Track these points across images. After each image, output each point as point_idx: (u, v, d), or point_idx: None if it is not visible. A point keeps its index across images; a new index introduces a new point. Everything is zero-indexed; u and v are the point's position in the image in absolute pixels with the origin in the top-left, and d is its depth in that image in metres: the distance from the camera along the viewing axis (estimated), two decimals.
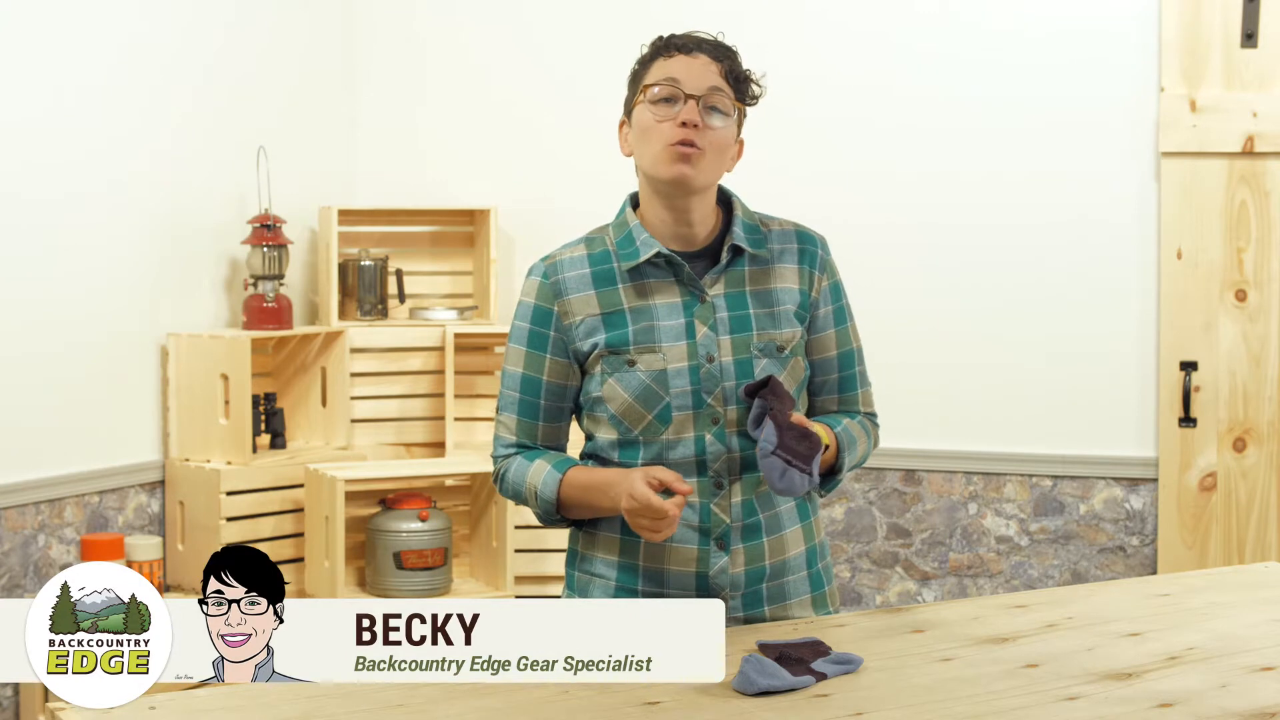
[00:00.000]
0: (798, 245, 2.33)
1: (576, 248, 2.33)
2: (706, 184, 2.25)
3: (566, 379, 2.31)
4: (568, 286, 2.29)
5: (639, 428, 2.25)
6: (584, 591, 2.34)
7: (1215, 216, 4.15)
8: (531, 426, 2.33)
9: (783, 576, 2.30)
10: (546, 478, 2.26)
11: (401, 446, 4.67)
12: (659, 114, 2.22)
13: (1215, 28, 4.11)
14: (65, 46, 3.94)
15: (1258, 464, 4.15)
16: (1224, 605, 2.38)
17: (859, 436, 2.34)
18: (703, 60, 2.23)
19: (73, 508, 4.00)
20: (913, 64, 4.43)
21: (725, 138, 2.24)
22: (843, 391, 2.38)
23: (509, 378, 2.33)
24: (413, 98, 4.87)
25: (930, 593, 4.46)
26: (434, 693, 1.89)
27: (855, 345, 2.39)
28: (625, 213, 2.32)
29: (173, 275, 4.31)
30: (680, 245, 2.29)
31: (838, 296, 2.37)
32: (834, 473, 2.31)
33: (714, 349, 2.25)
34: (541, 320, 2.30)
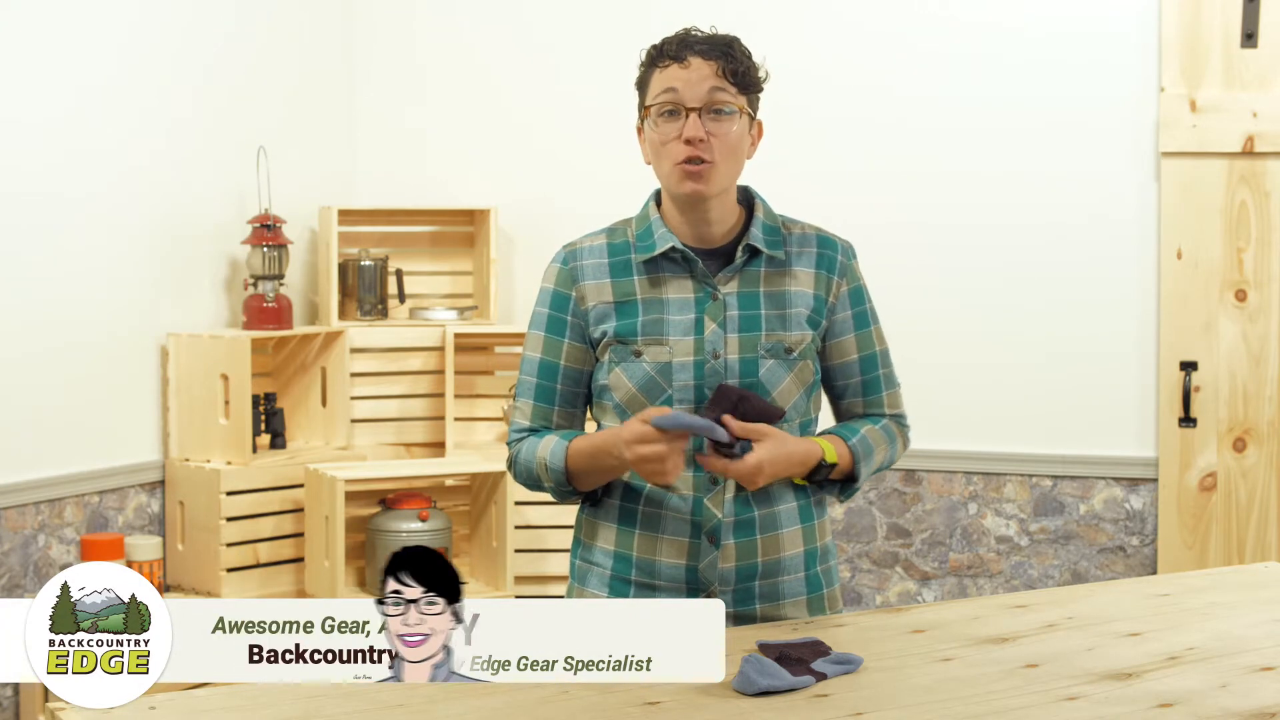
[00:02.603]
0: (817, 250, 2.34)
1: (598, 236, 2.36)
2: (721, 191, 2.27)
3: (583, 364, 2.34)
4: (585, 272, 2.32)
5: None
6: (583, 579, 2.38)
7: (1215, 216, 4.15)
8: (547, 411, 2.35)
9: (777, 575, 2.31)
10: (555, 448, 2.28)
11: (401, 446, 4.67)
12: (664, 132, 2.24)
13: (1215, 28, 4.11)
14: (65, 46, 3.94)
15: (1258, 464, 4.14)
16: (1224, 605, 2.38)
17: (878, 444, 2.35)
18: (697, 65, 2.23)
19: (73, 508, 4.00)
20: (912, 64, 4.43)
21: (735, 138, 2.25)
22: (867, 394, 2.39)
23: (527, 363, 2.37)
24: (413, 98, 4.87)
25: (930, 593, 4.46)
26: (433, 692, 1.89)
27: (879, 348, 2.40)
28: (648, 206, 2.35)
29: (173, 275, 4.30)
30: (698, 242, 2.31)
31: (859, 301, 2.37)
32: (851, 480, 2.32)
33: (720, 346, 2.27)
34: (560, 305, 2.34)
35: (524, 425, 2.36)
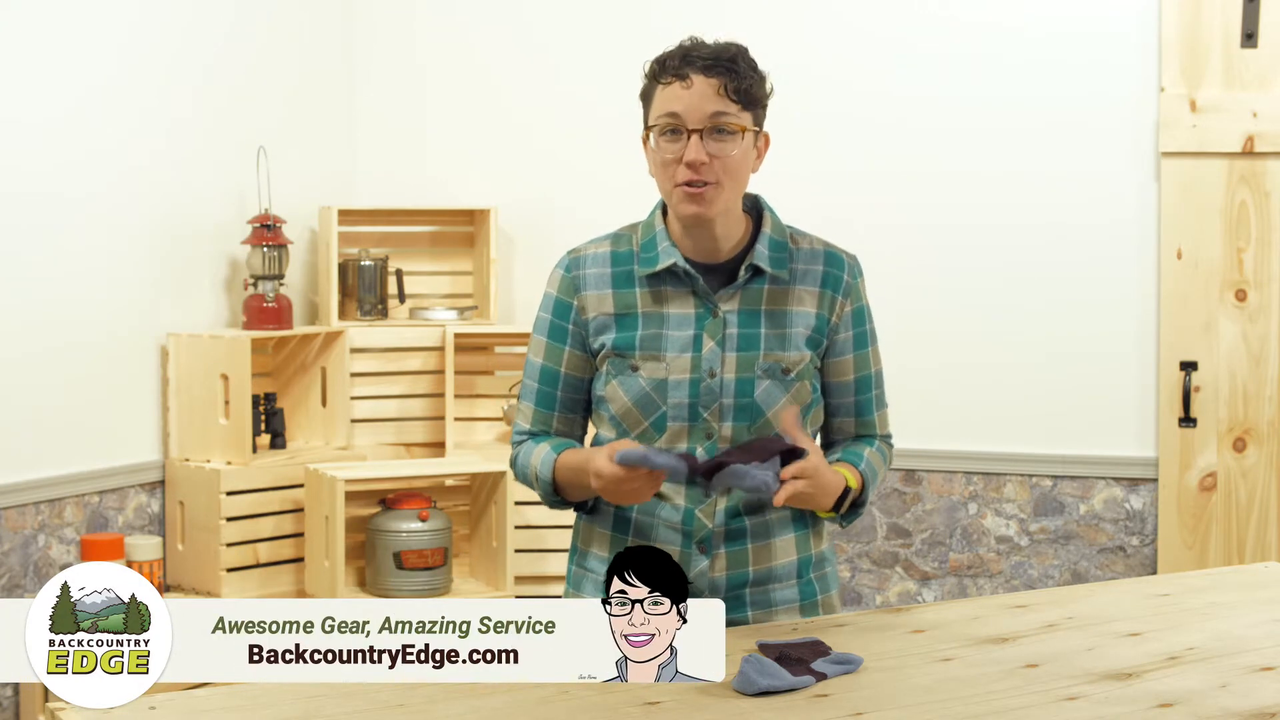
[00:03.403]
0: (823, 268, 2.31)
1: (603, 244, 2.34)
2: (722, 211, 2.24)
3: (584, 372, 2.34)
4: (587, 282, 2.31)
5: (635, 432, 2.28)
6: (578, 586, 2.38)
7: (1215, 216, 4.15)
8: (547, 416, 2.36)
9: (768, 584, 2.31)
10: (545, 458, 2.30)
11: (401, 446, 4.67)
12: (665, 151, 2.21)
13: (1215, 28, 4.11)
14: (65, 46, 3.94)
15: (1258, 464, 4.14)
16: (1224, 605, 2.38)
17: (879, 467, 2.37)
18: (699, 84, 2.18)
19: (73, 508, 4.00)
20: (911, 64, 4.43)
21: (737, 159, 2.21)
22: (859, 415, 2.38)
23: (530, 366, 2.37)
24: (413, 98, 4.87)
25: (930, 593, 4.46)
26: (433, 692, 1.89)
27: (874, 369, 2.38)
28: (655, 215, 2.32)
29: (173, 275, 4.30)
30: (702, 257, 2.28)
31: (860, 322, 2.35)
32: (858, 506, 2.31)
33: (717, 364, 2.25)
34: (561, 313, 2.33)
35: (525, 429, 2.37)
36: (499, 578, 4.31)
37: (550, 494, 2.31)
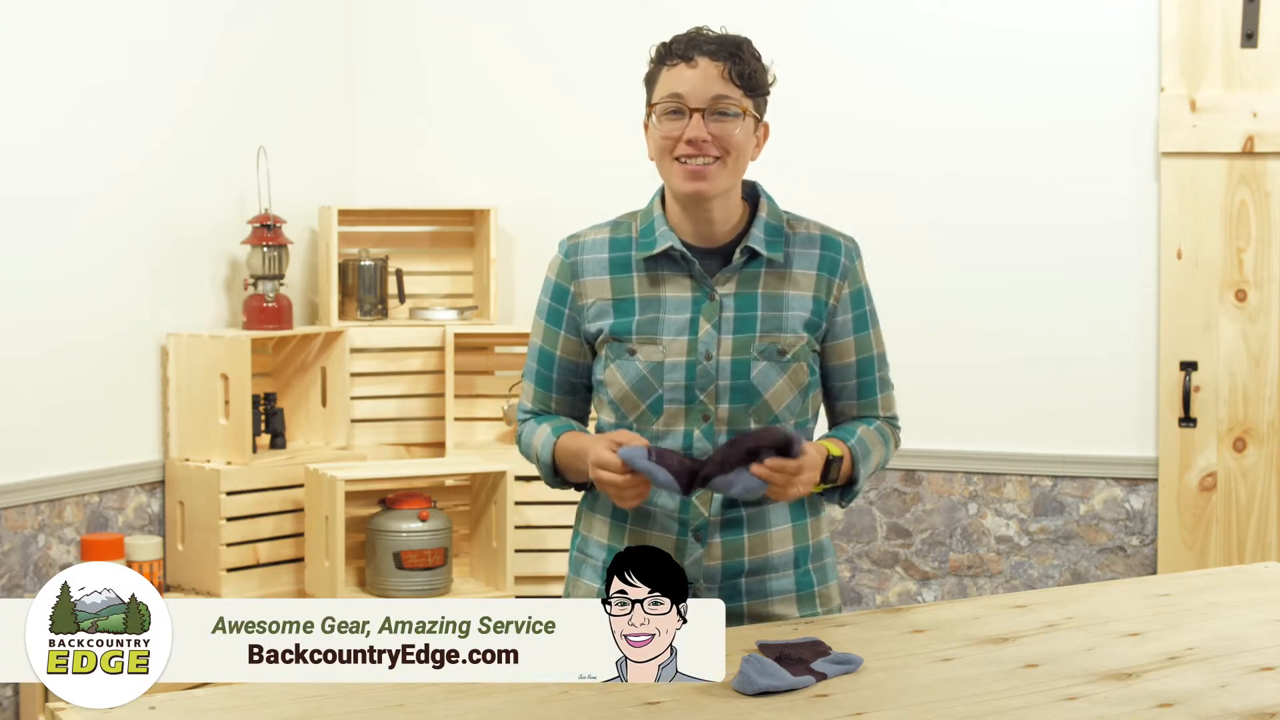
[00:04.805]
0: (820, 251, 2.33)
1: (602, 230, 2.37)
2: (722, 191, 2.27)
3: (578, 357, 2.38)
4: (585, 268, 2.34)
5: (633, 415, 2.30)
6: (578, 570, 2.42)
7: (1215, 216, 4.15)
8: (546, 397, 2.41)
9: (764, 573, 2.32)
10: (545, 440, 2.35)
11: (401, 446, 4.67)
12: (667, 130, 2.24)
13: (1215, 28, 4.11)
14: (65, 46, 3.94)
15: (1258, 464, 4.14)
16: (1224, 605, 2.38)
17: (874, 445, 2.36)
18: (704, 66, 2.23)
19: (73, 508, 4.00)
20: (912, 63, 4.43)
21: (738, 140, 2.24)
22: (861, 397, 2.39)
23: (531, 348, 2.42)
24: (413, 97, 4.87)
25: (930, 593, 4.46)
26: (434, 692, 1.89)
27: (876, 351, 2.39)
28: (654, 202, 2.36)
29: (173, 275, 4.30)
30: (700, 241, 2.31)
31: (859, 303, 2.36)
32: (851, 484, 2.32)
33: (714, 347, 2.27)
34: (559, 297, 2.37)
35: (527, 407, 2.44)
36: (499, 578, 4.31)
37: (550, 475, 2.36)
